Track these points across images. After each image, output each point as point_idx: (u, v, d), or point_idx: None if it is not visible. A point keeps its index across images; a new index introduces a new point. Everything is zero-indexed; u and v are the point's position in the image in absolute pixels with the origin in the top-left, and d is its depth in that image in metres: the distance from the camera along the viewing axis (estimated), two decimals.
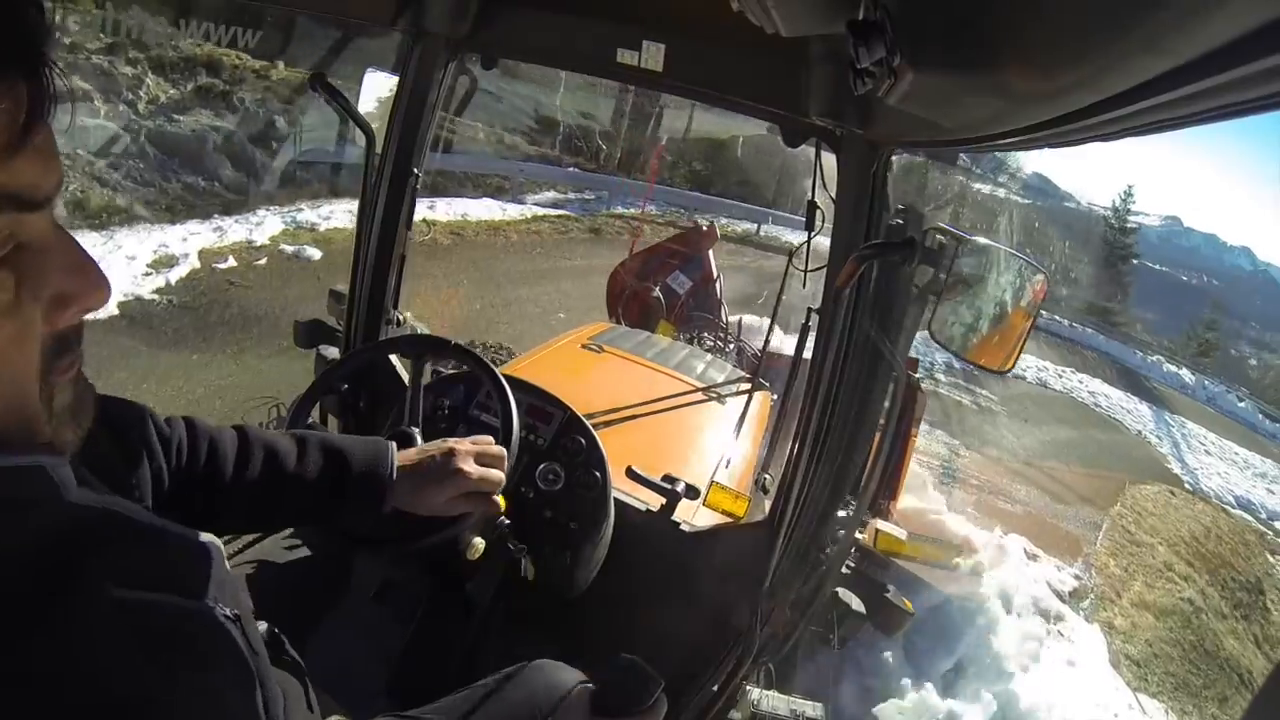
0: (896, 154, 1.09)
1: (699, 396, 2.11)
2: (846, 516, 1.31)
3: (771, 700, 1.28)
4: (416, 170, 1.47)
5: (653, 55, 1.18)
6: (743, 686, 1.29)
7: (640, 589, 1.35)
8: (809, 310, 1.41)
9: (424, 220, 7.57)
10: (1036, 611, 3.54)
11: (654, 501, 1.42)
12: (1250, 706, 0.25)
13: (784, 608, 1.31)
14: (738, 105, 1.28)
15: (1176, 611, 5.18)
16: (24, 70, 0.35)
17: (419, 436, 1.05)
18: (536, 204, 10.57)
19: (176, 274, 5.21)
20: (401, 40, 1.38)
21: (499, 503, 0.90)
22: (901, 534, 1.70)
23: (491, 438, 0.89)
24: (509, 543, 1.17)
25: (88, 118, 6.70)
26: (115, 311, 4.29)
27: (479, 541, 1.08)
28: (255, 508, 0.77)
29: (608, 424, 1.72)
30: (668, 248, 4.62)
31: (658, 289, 4.29)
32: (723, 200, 13.41)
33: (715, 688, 1.24)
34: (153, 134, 7.22)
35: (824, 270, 1.30)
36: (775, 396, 2.47)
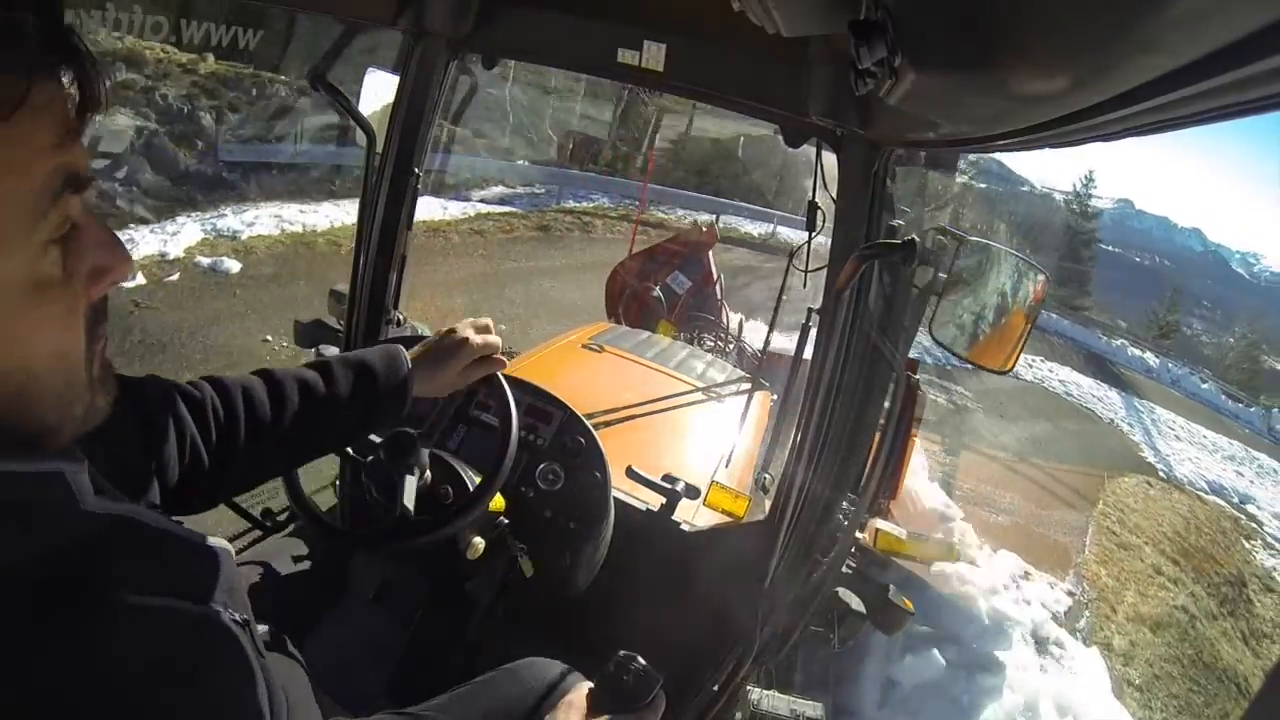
0: (898, 156, 1.10)
1: (699, 396, 2.11)
2: (847, 516, 1.31)
3: (771, 700, 1.28)
4: (417, 170, 1.47)
5: (653, 55, 1.18)
6: (743, 686, 1.29)
7: (640, 589, 1.35)
8: (809, 310, 1.42)
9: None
10: (1035, 640, 3.47)
11: (654, 501, 1.42)
12: (1250, 708, 0.24)
13: (784, 607, 1.31)
14: (738, 105, 1.28)
15: (1172, 623, 5.18)
16: (76, 62, 0.38)
17: (418, 438, 1.05)
18: (483, 200, 10.01)
19: None
20: (402, 40, 1.38)
21: (504, 360, 0.96)
22: (901, 533, 1.70)
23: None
24: (509, 542, 1.17)
25: None
26: None
27: (479, 541, 1.08)
28: (300, 442, 0.80)
29: (608, 424, 1.72)
30: (668, 248, 4.62)
31: (658, 289, 4.30)
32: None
33: (715, 687, 1.24)
34: None
35: (824, 270, 1.30)
36: (775, 396, 2.47)
